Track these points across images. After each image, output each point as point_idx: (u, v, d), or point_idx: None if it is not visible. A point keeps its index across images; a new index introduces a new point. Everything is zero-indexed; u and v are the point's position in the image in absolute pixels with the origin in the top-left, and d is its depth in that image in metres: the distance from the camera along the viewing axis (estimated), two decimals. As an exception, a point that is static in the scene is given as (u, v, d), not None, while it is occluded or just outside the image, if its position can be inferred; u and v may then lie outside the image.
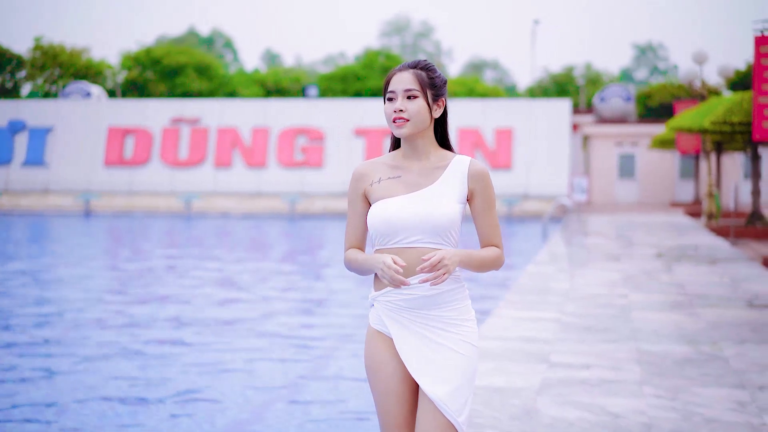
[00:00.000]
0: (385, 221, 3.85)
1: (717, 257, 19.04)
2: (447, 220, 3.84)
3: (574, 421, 6.81)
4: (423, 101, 3.87)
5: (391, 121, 3.88)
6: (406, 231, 3.84)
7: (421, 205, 3.85)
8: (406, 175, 3.93)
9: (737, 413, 7.02)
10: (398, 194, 3.90)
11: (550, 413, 7.00)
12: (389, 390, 3.94)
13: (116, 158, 43.85)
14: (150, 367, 10.33)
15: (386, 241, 3.88)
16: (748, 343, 9.80)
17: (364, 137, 42.63)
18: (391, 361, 3.94)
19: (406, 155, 3.97)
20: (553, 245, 22.19)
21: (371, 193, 3.96)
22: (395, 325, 3.92)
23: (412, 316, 3.89)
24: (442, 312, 3.90)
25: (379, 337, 3.98)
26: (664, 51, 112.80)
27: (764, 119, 15.46)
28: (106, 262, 22.61)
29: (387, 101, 3.91)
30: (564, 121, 41.97)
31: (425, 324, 3.89)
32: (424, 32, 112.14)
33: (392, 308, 3.92)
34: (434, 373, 3.86)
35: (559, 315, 11.60)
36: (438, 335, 3.89)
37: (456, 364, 3.87)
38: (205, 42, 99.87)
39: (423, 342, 3.89)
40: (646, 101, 58.42)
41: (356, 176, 4.00)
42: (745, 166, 43.83)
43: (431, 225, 3.83)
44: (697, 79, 33.11)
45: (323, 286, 18.00)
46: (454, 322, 3.91)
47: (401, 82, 3.87)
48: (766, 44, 15.26)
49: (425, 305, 3.88)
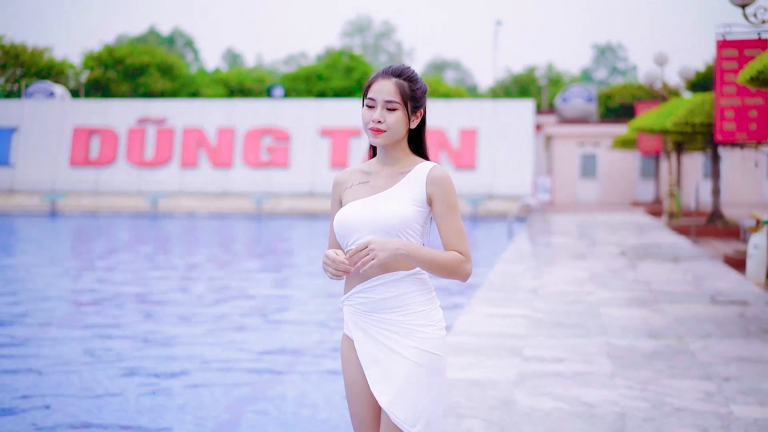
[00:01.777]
0: (340, 224, 3.87)
1: (679, 255, 19.50)
2: (397, 219, 3.80)
3: (551, 410, 7.15)
4: (402, 113, 3.86)
5: (368, 128, 3.88)
6: (358, 232, 3.83)
7: (373, 206, 3.85)
8: (374, 180, 3.96)
9: (705, 403, 7.39)
10: (358, 198, 3.93)
11: (527, 403, 7.33)
12: (355, 394, 3.96)
13: (82, 158, 43.84)
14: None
15: (344, 243, 3.90)
16: (712, 337, 10.19)
17: (330, 137, 42.90)
18: (356, 365, 3.94)
19: (380, 161, 3.99)
20: (519, 244, 22.59)
21: (344, 197, 4.00)
22: (357, 329, 3.91)
23: (370, 320, 3.87)
24: (400, 316, 3.84)
25: (347, 342, 4.00)
26: (623, 51, 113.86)
27: (725, 121, 15.89)
28: (68, 262, 22.73)
29: (366, 106, 3.89)
30: (527, 121, 42.44)
31: (382, 328, 3.85)
32: (386, 32, 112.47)
33: (355, 312, 3.92)
34: (383, 379, 3.83)
35: (529, 311, 11.96)
36: (392, 340, 3.83)
37: (403, 372, 3.80)
38: (165, 41, 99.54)
39: (378, 347, 3.85)
40: (607, 102, 59.11)
41: (335, 183, 4.05)
42: (705, 166, 44.52)
43: (380, 225, 3.80)
44: (658, 80, 33.69)
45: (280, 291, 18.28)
46: (410, 328, 3.83)
47: (382, 92, 3.85)
48: (727, 48, 15.69)
49: (381, 308, 3.84)
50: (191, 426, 8.02)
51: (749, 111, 15.66)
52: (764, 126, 15.63)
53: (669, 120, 23.38)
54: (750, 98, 15.62)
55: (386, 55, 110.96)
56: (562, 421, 6.87)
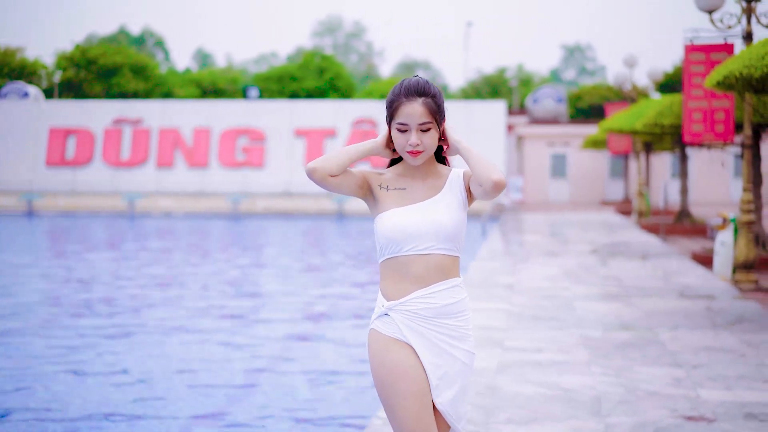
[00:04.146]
0: (400, 229, 4.00)
1: (649, 253, 20.11)
2: (455, 226, 4.02)
3: (533, 395, 7.68)
4: (435, 130, 4.03)
5: (405, 151, 4.03)
6: (418, 239, 4.00)
7: (431, 213, 4.02)
8: (411, 188, 4.10)
9: (675, 387, 7.95)
10: (406, 205, 4.06)
11: (510, 389, 7.86)
12: (423, 391, 4.01)
13: (58, 159, 44.09)
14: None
15: (397, 250, 4.02)
16: (681, 328, 10.77)
17: (305, 138, 43.38)
18: (415, 366, 4.01)
19: (409, 170, 4.13)
20: (493, 242, 23.14)
21: (378, 195, 4.12)
22: (414, 334, 4.02)
23: (429, 325, 4.02)
24: (456, 321, 4.06)
25: (397, 345, 4.04)
26: (591, 52, 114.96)
27: (694, 122, 16.49)
28: (43, 261, 23.07)
29: (398, 131, 4.02)
30: (500, 122, 43.07)
31: (440, 333, 4.03)
32: (357, 32, 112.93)
33: (411, 317, 4.02)
34: (443, 382, 4.02)
35: (507, 306, 12.50)
36: (448, 344, 4.04)
37: (458, 373, 4.05)
38: (136, 41, 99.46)
39: (436, 351, 4.02)
40: (576, 103, 59.89)
41: (371, 168, 4.20)
42: (674, 165, 45.32)
43: (443, 232, 4.00)
44: (627, 82, 34.38)
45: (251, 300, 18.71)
46: (463, 332, 4.08)
47: (414, 116, 3.99)
48: (695, 53, 16.29)
49: (443, 314, 4.03)
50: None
51: (716, 113, 16.28)
52: (730, 127, 16.26)
53: (638, 121, 23.98)
54: (717, 101, 16.23)
55: (357, 55, 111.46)
56: (543, 404, 7.40)
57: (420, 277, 4.01)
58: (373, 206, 4.15)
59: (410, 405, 3.98)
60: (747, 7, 14.57)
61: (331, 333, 12.72)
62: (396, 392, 3.99)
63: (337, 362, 10.75)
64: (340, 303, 15.65)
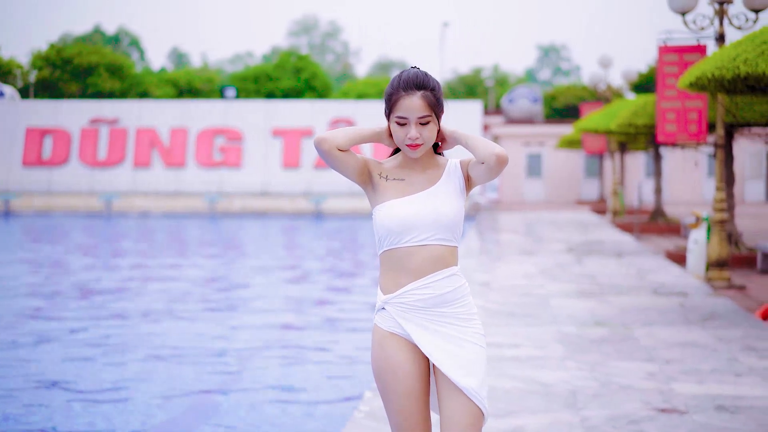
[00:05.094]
0: (399, 220, 4.02)
1: (623, 251, 20.36)
2: (454, 215, 4.05)
3: (510, 389, 7.86)
4: (434, 123, 4.04)
5: (405, 144, 4.05)
6: (418, 229, 4.02)
7: (430, 203, 4.04)
8: (410, 179, 4.11)
9: (648, 381, 8.14)
10: (405, 195, 4.08)
11: (487, 383, 8.02)
12: (408, 390, 4.06)
13: (35, 158, 44.00)
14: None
15: (397, 241, 4.04)
16: (655, 324, 10.98)
17: (282, 137, 43.46)
18: (407, 361, 4.06)
19: (408, 161, 4.15)
20: (470, 241, 23.33)
21: (377, 184, 4.13)
22: (412, 325, 4.05)
23: (427, 315, 4.04)
24: (454, 309, 4.06)
25: (392, 339, 4.08)
26: (567, 52, 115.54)
27: (667, 122, 16.71)
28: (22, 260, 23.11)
29: (397, 124, 4.03)
30: (476, 122, 43.28)
31: (441, 321, 4.04)
32: (332, 32, 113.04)
33: (407, 309, 4.05)
34: (463, 365, 4.01)
35: (484, 303, 12.67)
36: (456, 330, 4.05)
37: (479, 356, 4.06)
38: (111, 40, 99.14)
39: (444, 339, 4.03)
40: (552, 103, 60.23)
41: (370, 157, 4.36)
42: (648, 165, 45.69)
43: (443, 220, 4.03)
44: (602, 82, 34.68)
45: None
46: (466, 317, 4.08)
47: (413, 110, 3.99)
48: (668, 54, 16.51)
49: (439, 303, 4.04)
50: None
51: (689, 113, 16.52)
52: (703, 128, 16.50)
53: (613, 121, 24.24)
54: (690, 101, 16.47)
55: (333, 55, 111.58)
56: (520, 397, 7.58)
57: (417, 269, 4.02)
58: (372, 196, 4.16)
59: (397, 402, 4.05)
60: (719, 9, 14.81)
61: (304, 340, 12.86)
62: (386, 388, 4.08)
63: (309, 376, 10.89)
64: (314, 309, 15.80)
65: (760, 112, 17.03)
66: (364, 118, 42.87)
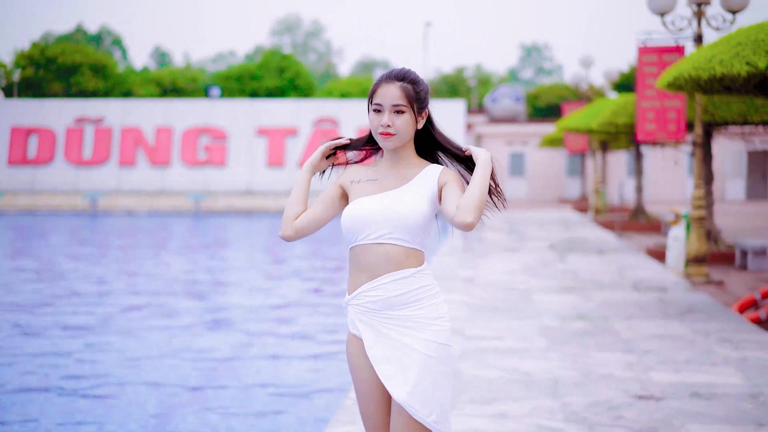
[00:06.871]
0: (354, 217, 3.92)
1: (604, 248, 20.68)
2: (414, 216, 3.89)
3: (494, 378, 8.14)
4: (409, 115, 3.94)
5: (378, 133, 3.95)
6: (374, 225, 3.90)
7: (390, 202, 3.92)
8: (383, 179, 4.02)
9: (627, 371, 8.44)
10: (372, 194, 3.99)
11: (472, 373, 8.31)
12: (365, 393, 4.01)
13: (20, 157, 44.12)
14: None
15: (356, 237, 3.94)
16: (634, 318, 11.29)
17: (266, 137, 43.71)
18: (366, 364, 3.99)
19: (387, 162, 4.05)
20: (453, 239, 23.62)
21: (350, 190, 4.06)
22: (366, 328, 3.96)
23: (381, 318, 3.92)
24: (411, 312, 3.91)
25: (354, 341, 4.03)
26: (549, 51, 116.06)
27: (647, 122, 17.03)
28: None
29: (373, 112, 3.97)
30: (459, 121, 43.60)
31: (394, 325, 3.91)
32: (315, 31, 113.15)
33: (363, 311, 3.96)
34: (397, 374, 3.87)
35: (468, 298, 12.96)
36: (405, 335, 3.89)
37: (418, 364, 3.86)
38: (93, 39, 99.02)
39: (390, 344, 3.90)
40: (534, 102, 60.61)
41: (342, 173, 4.12)
42: (629, 164, 46.11)
43: (399, 220, 3.89)
44: (583, 82, 35.04)
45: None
46: (423, 322, 3.91)
47: (388, 97, 3.93)
48: (648, 54, 16.83)
49: (393, 305, 3.90)
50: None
51: (668, 113, 16.85)
52: (682, 127, 16.83)
53: (594, 120, 24.54)
54: (668, 101, 16.79)
55: (316, 54, 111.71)
56: (503, 386, 7.86)
57: (371, 268, 3.91)
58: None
59: (360, 401, 4.05)
60: (697, 10, 15.14)
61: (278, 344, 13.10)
62: (354, 388, 4.08)
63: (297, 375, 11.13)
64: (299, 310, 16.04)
65: (737, 111, 17.39)
66: (348, 117, 43.17)
